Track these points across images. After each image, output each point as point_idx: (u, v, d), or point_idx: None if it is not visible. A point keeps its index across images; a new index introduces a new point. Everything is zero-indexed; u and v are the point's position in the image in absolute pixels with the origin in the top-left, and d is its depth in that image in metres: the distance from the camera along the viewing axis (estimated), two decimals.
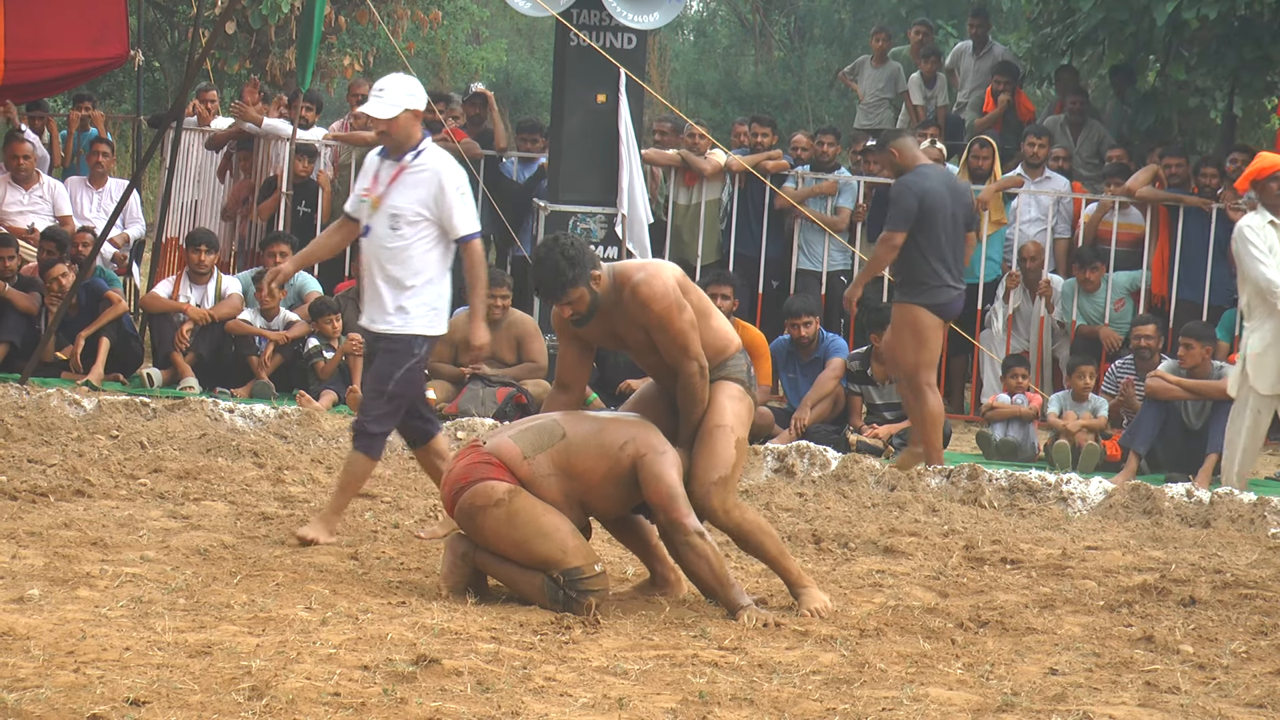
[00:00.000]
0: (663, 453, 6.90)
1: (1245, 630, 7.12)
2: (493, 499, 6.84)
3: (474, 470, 6.91)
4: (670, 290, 7.01)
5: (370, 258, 8.21)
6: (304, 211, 14.72)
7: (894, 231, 11.02)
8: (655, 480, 6.86)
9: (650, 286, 6.99)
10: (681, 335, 7.00)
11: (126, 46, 13.55)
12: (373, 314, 8.20)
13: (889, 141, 11.35)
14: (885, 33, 18.61)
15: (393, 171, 8.16)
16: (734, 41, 30.96)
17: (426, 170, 8.13)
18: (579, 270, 6.95)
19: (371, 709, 5.28)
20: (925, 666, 6.28)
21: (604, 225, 13.72)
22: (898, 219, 11.01)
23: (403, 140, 8.14)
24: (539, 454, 6.90)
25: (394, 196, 8.13)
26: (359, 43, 21.93)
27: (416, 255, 8.13)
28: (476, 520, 6.88)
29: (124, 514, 8.24)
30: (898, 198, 11.08)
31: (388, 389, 8.05)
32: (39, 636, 5.86)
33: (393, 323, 8.12)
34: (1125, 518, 10.09)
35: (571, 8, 13.56)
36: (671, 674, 5.96)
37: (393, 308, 8.12)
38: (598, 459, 6.90)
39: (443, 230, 8.14)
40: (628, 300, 7.02)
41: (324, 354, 12.99)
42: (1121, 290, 14.30)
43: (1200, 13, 14.86)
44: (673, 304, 6.99)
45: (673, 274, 7.14)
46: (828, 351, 12.72)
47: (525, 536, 6.84)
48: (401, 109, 8.07)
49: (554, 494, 6.90)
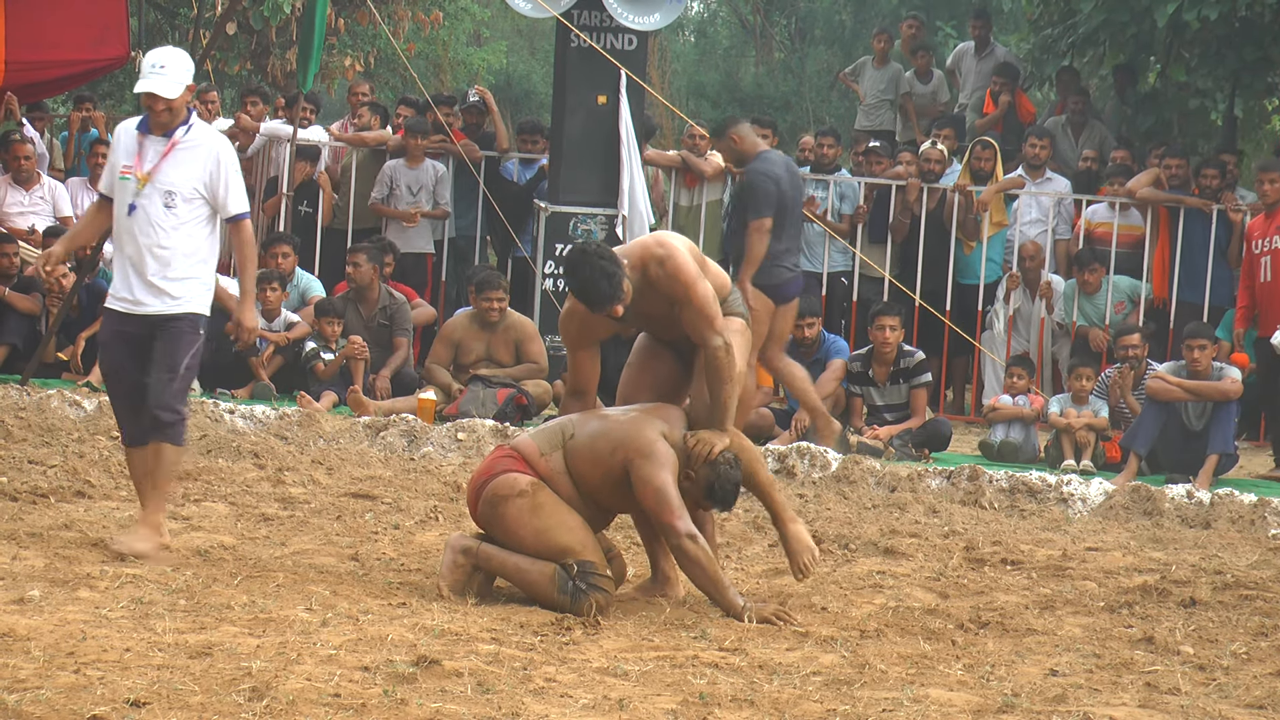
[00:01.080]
0: (650, 455, 6.93)
1: (1245, 631, 7.12)
2: (517, 489, 6.94)
3: (497, 464, 7.04)
4: (691, 263, 7.12)
5: (132, 237, 7.73)
6: (305, 211, 14.73)
7: (763, 218, 11.14)
8: (643, 484, 6.91)
9: (675, 261, 7.08)
10: (706, 306, 7.08)
11: (127, 47, 13.54)
12: (143, 296, 7.72)
13: (729, 129, 11.46)
14: (887, 34, 18.60)
15: (163, 147, 7.74)
16: (735, 43, 30.95)
17: (202, 146, 7.78)
18: (619, 267, 7.02)
19: (372, 710, 5.28)
20: (926, 667, 6.28)
21: (604, 226, 13.72)
22: (763, 205, 11.15)
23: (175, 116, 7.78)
24: (554, 452, 7.03)
25: (168, 173, 7.73)
26: (360, 44, 21.92)
27: (193, 234, 7.76)
28: (499, 509, 6.94)
29: (124, 515, 8.24)
30: (757, 184, 11.20)
31: (180, 373, 7.70)
32: (39, 637, 5.86)
33: (171, 304, 7.71)
34: (1126, 519, 10.10)
35: (572, 9, 13.56)
36: (672, 675, 5.96)
37: (170, 288, 7.71)
38: (593, 465, 7.00)
39: (213, 209, 7.80)
40: (656, 278, 7.10)
41: (321, 355, 12.99)
42: (1122, 294, 14.30)
43: (1201, 14, 14.86)
44: (695, 275, 7.10)
45: (684, 244, 7.26)
46: (829, 353, 12.72)
47: (547, 525, 6.90)
48: (184, 85, 7.74)
49: (569, 490, 7.00)
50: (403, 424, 11.24)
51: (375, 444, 11.01)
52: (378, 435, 11.11)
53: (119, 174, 7.81)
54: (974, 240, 14.57)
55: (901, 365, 12.52)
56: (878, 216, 14.72)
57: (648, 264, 7.10)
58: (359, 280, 13.21)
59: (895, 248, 14.76)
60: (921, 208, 14.59)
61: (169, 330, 7.71)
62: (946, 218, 14.61)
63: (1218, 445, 11.88)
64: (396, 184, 14.53)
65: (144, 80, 7.74)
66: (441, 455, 10.84)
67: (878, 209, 14.72)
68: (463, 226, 15.01)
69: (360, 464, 10.30)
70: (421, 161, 14.56)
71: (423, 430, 11.16)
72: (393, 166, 14.59)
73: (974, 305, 14.55)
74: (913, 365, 12.54)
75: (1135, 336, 12.66)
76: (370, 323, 13.19)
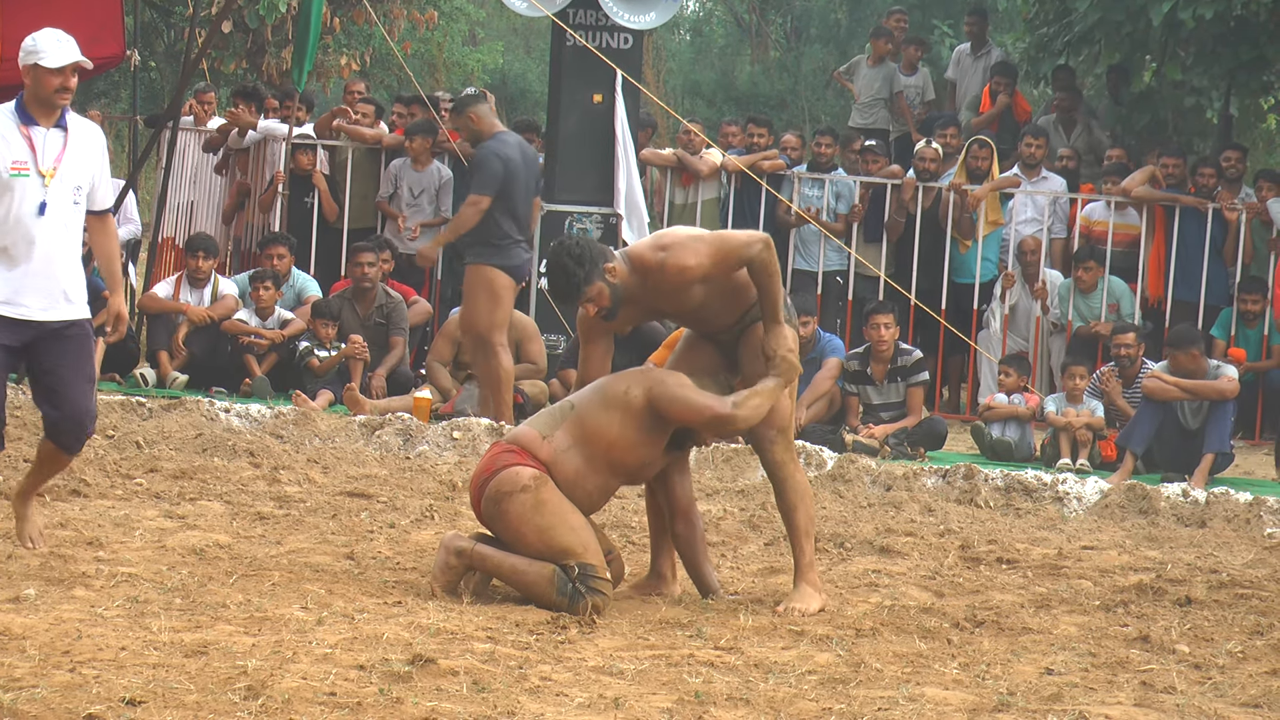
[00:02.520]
0: (665, 380, 6.97)
1: (1241, 630, 7.12)
2: (519, 484, 6.88)
3: (497, 459, 6.98)
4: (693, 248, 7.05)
5: (43, 240, 7.06)
6: (308, 202, 14.69)
7: (481, 195, 11.39)
8: (675, 403, 6.92)
9: (678, 258, 7.03)
10: (727, 257, 7.03)
11: (123, 46, 13.54)
12: (55, 301, 7.15)
13: (467, 107, 11.64)
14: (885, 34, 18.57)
15: (59, 138, 7.10)
16: (730, 41, 30.95)
17: (90, 135, 7.22)
18: (589, 268, 6.99)
19: (367, 709, 5.28)
20: (921, 666, 6.28)
21: (600, 225, 13.72)
22: (486, 183, 11.39)
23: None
24: (555, 430, 6.99)
25: (72, 167, 7.14)
26: (355, 43, 21.92)
27: (80, 230, 7.26)
28: (502, 506, 6.89)
29: (120, 514, 8.24)
30: (484, 163, 11.45)
31: (95, 379, 7.39)
32: (35, 636, 5.86)
33: (77, 308, 7.24)
34: (1121, 518, 10.10)
35: (568, 8, 13.56)
36: (667, 674, 5.96)
37: (74, 291, 7.23)
38: (608, 412, 6.94)
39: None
40: (661, 280, 7.06)
41: (316, 353, 12.99)
42: (1114, 297, 14.30)
43: (1197, 12, 14.87)
44: (702, 252, 7.03)
45: (685, 232, 7.24)
46: (824, 351, 12.71)
47: (550, 524, 6.86)
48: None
49: (578, 464, 6.95)
50: (398, 423, 11.24)
51: (371, 443, 11.00)
52: (373, 434, 11.11)
53: (10, 171, 7.01)
54: (969, 239, 14.57)
55: (899, 364, 12.52)
56: (873, 215, 14.73)
57: (650, 268, 7.07)
58: (372, 279, 13.17)
59: (891, 247, 14.77)
60: (917, 207, 14.59)
61: (75, 336, 7.25)
62: (942, 217, 14.62)
63: (1214, 444, 11.89)
64: (400, 185, 14.50)
65: (62, 51, 7.09)
66: (437, 454, 10.84)
67: (873, 208, 14.72)
68: None
69: (356, 463, 10.30)
70: (428, 165, 14.50)
71: (418, 429, 11.15)
72: (398, 166, 14.55)
73: (970, 304, 14.55)
74: (910, 364, 12.54)
75: (1130, 335, 12.66)
76: (367, 321, 13.19)
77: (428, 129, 14.62)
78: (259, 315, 13.34)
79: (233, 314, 13.31)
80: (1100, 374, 12.72)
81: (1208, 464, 11.77)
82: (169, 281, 13.68)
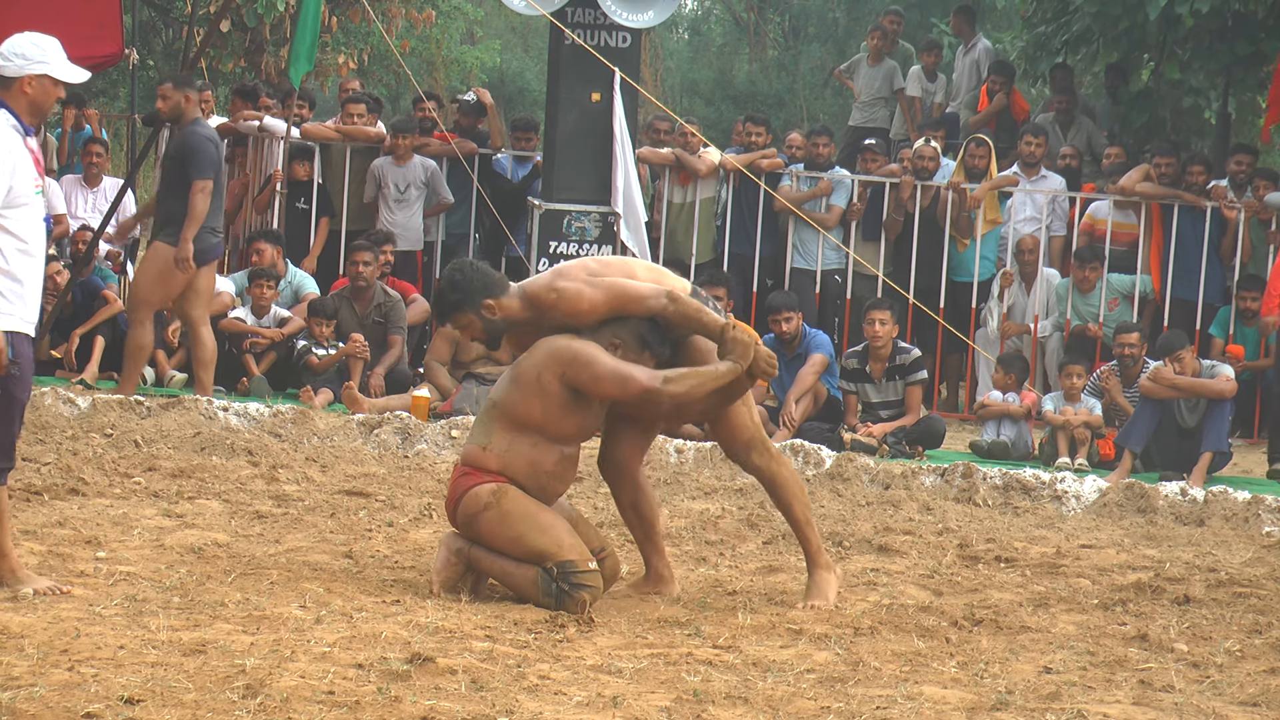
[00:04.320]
0: (575, 360, 6.85)
1: (1239, 629, 7.13)
2: (481, 503, 6.91)
3: (457, 486, 7.01)
4: (582, 288, 6.96)
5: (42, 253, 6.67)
6: (301, 208, 14.70)
7: (207, 179, 11.71)
8: (598, 381, 6.86)
9: (571, 302, 6.95)
10: (625, 306, 6.97)
11: (121, 44, 13.51)
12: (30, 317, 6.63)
13: (188, 86, 11.94)
14: (880, 31, 18.60)
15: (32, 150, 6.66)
16: (728, 40, 30.99)
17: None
18: (462, 296, 7.00)
19: (366, 707, 5.28)
20: (919, 665, 6.28)
21: (598, 224, 13.72)
22: (206, 166, 11.73)
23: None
24: (491, 435, 6.96)
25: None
26: (353, 41, 21.93)
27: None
28: (473, 528, 6.96)
29: (118, 512, 8.24)
30: (202, 147, 11.76)
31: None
32: (33, 635, 5.85)
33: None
34: (1120, 516, 10.10)
35: (566, 6, 13.55)
36: (666, 672, 5.96)
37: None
38: (527, 400, 6.91)
39: None
40: (554, 315, 7.00)
41: (314, 350, 12.99)
42: (1115, 291, 14.31)
43: (1194, 7, 14.87)
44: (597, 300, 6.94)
45: (580, 270, 7.11)
46: (809, 347, 12.65)
47: (520, 532, 6.88)
48: None
49: (526, 454, 6.92)
50: (397, 421, 11.24)
51: (369, 441, 11.00)
52: (371, 433, 11.11)
53: (34, 188, 6.59)
54: (968, 238, 14.58)
55: (897, 362, 12.52)
56: (871, 214, 14.73)
57: (542, 309, 7.01)
58: (368, 278, 13.18)
59: (889, 245, 14.77)
60: (915, 205, 14.60)
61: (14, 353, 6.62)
62: (940, 215, 14.62)
63: (1212, 443, 11.89)
64: (384, 181, 14.51)
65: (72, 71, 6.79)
66: (435, 453, 10.84)
67: (872, 206, 14.72)
68: (453, 224, 15.00)
69: (354, 461, 10.30)
70: (409, 160, 14.52)
71: (417, 428, 11.15)
72: (380, 164, 14.57)
73: (968, 303, 14.55)
74: (908, 362, 12.54)
75: (1134, 335, 12.65)
76: (366, 320, 13.19)
77: (411, 126, 14.63)
78: (255, 314, 13.33)
79: (227, 310, 13.30)
80: (1100, 373, 12.72)
81: (1206, 462, 11.77)
82: None
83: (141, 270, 12.10)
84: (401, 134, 14.54)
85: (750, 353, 6.95)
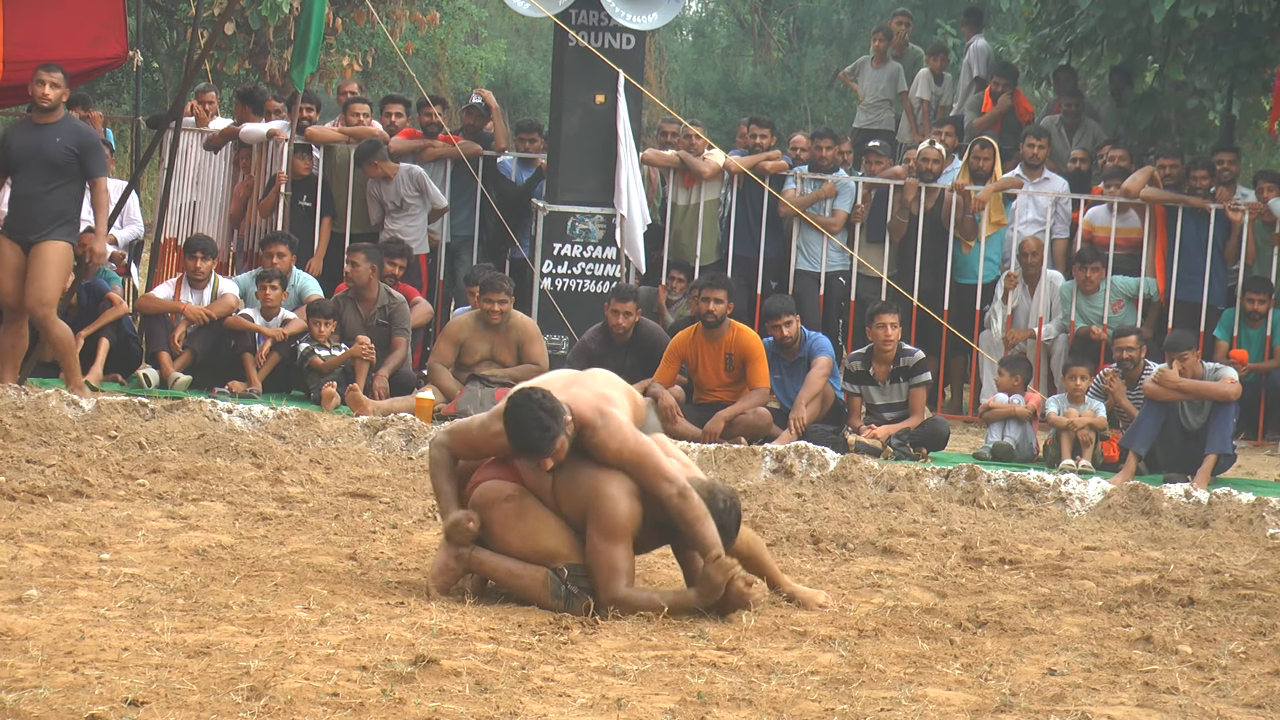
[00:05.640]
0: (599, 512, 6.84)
1: (1244, 631, 7.12)
2: (503, 494, 6.97)
3: (484, 471, 7.06)
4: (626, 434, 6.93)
5: None
6: (305, 205, 14.70)
7: (106, 176, 12.08)
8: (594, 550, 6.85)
9: (607, 437, 6.90)
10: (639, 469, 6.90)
11: (125, 47, 13.53)
12: None
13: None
14: (884, 33, 18.62)
15: None
16: (732, 42, 30.97)
17: None
18: (560, 421, 6.86)
19: (370, 709, 5.28)
20: (924, 667, 6.28)
21: (602, 226, 13.73)
22: (104, 163, 12.10)
23: None
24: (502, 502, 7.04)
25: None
26: (357, 43, 21.94)
27: None
28: (487, 514, 6.98)
29: (122, 514, 8.24)
30: (99, 145, 12.05)
31: None
32: (37, 637, 5.86)
33: None
34: (1124, 518, 10.10)
35: (570, 8, 13.57)
36: (670, 674, 5.96)
37: None
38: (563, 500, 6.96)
39: None
40: (588, 438, 6.93)
41: (317, 352, 13.00)
42: (1119, 294, 14.31)
43: (1199, 10, 14.87)
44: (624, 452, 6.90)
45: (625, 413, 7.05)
46: (811, 350, 12.65)
47: (534, 529, 6.93)
48: None
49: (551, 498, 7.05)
50: (401, 423, 11.25)
51: (373, 443, 11.01)
52: (376, 435, 11.12)
53: None
54: (972, 240, 14.57)
55: (901, 364, 12.52)
56: (876, 216, 14.72)
57: (583, 426, 6.92)
58: (357, 280, 13.20)
59: (893, 247, 14.76)
60: (919, 207, 14.60)
61: None
62: (944, 217, 14.62)
63: (1216, 445, 11.89)
64: (381, 200, 14.49)
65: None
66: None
67: (876, 209, 14.72)
68: (456, 226, 15.01)
69: (358, 463, 10.30)
70: (394, 175, 14.41)
71: (421, 430, 11.16)
72: (373, 189, 14.53)
73: (972, 304, 14.55)
74: (913, 364, 12.53)
75: (1132, 339, 12.65)
76: (369, 322, 13.20)
77: (373, 150, 14.45)
78: (264, 315, 13.35)
79: (232, 312, 13.31)
80: (1104, 375, 12.72)
81: (1210, 465, 11.77)
82: (170, 283, 13.68)
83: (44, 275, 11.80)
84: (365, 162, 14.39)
85: (717, 596, 6.85)
